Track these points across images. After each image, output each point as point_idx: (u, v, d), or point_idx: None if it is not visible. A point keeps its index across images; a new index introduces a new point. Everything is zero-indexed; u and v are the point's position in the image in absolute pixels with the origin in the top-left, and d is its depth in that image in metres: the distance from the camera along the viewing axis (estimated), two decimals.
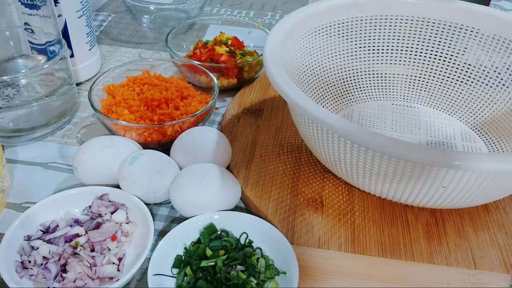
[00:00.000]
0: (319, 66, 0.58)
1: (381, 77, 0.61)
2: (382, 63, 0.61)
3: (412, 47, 0.60)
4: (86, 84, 0.67)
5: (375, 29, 0.59)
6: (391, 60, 0.61)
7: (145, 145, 0.53)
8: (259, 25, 0.75)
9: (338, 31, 0.58)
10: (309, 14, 0.54)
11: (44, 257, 0.41)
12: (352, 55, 0.59)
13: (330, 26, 0.57)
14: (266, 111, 0.61)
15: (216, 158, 0.49)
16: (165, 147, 0.53)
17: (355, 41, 0.59)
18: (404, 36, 0.59)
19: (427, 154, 0.35)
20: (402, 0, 0.57)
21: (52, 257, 0.41)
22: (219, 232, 0.44)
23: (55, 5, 0.59)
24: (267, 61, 0.46)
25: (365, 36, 0.59)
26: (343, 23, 0.57)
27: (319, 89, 0.58)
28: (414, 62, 0.60)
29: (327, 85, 0.59)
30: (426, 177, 0.38)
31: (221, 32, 0.72)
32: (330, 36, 0.57)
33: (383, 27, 0.59)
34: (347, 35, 0.58)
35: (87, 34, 0.65)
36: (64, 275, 0.40)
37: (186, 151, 0.49)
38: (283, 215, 0.47)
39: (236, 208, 0.48)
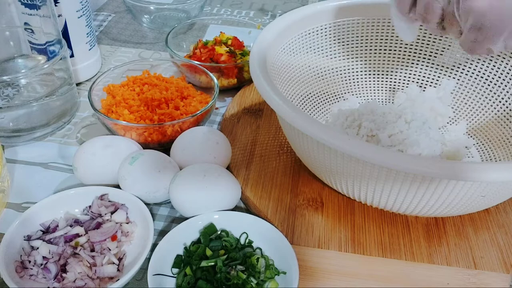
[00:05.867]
0: (311, 67, 0.58)
1: (364, 78, 0.61)
2: (379, 63, 0.61)
3: (405, 50, 0.59)
4: (86, 84, 0.67)
5: (367, 32, 0.58)
6: (383, 62, 0.60)
7: (145, 145, 0.53)
8: (259, 25, 0.75)
9: (330, 33, 0.58)
10: (302, 16, 0.54)
11: (44, 257, 0.41)
12: (344, 57, 0.59)
13: (322, 28, 0.57)
14: (266, 111, 0.61)
15: (216, 158, 0.49)
16: (165, 147, 0.53)
17: (348, 43, 0.59)
18: (396, 39, 0.59)
19: (437, 167, 0.35)
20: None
21: (52, 257, 0.41)
22: (219, 232, 0.44)
23: (55, 5, 0.59)
24: (253, 65, 0.46)
25: (357, 38, 0.59)
26: (336, 25, 0.57)
27: (310, 91, 0.58)
28: (406, 64, 0.60)
29: (319, 86, 0.59)
30: (426, 189, 0.38)
31: (221, 32, 0.72)
32: (322, 38, 0.57)
33: (375, 30, 0.58)
34: (340, 37, 0.58)
35: (87, 34, 0.65)
36: (64, 275, 0.40)
37: (186, 151, 0.49)
38: (283, 215, 0.47)
39: (236, 208, 0.48)
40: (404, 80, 0.61)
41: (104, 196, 0.46)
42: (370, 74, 0.61)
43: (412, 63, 0.60)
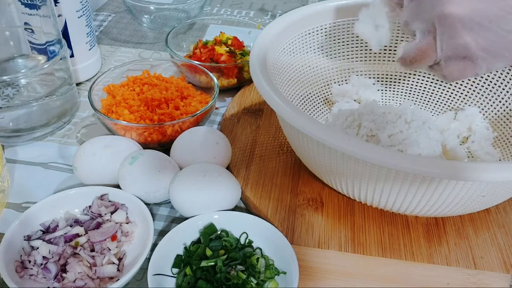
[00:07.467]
0: (311, 67, 0.58)
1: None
2: (379, 63, 0.61)
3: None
4: (86, 84, 0.67)
5: None
6: (383, 62, 0.60)
7: (145, 145, 0.53)
8: (259, 25, 0.75)
9: (330, 33, 0.57)
10: (301, 16, 0.54)
11: (44, 257, 0.41)
12: (344, 57, 0.59)
13: (322, 28, 0.57)
14: (266, 111, 0.61)
15: (216, 158, 0.49)
16: (165, 147, 0.53)
17: (348, 43, 0.59)
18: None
19: (437, 167, 0.35)
20: None
21: (52, 257, 0.41)
22: (219, 232, 0.44)
23: (55, 5, 0.59)
24: (253, 65, 0.46)
25: (357, 38, 0.59)
26: (336, 25, 0.57)
27: (310, 91, 0.58)
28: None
29: (319, 86, 0.59)
30: (426, 189, 0.38)
31: (221, 32, 0.72)
32: (322, 38, 0.57)
33: None
34: (339, 37, 0.58)
35: (87, 34, 0.65)
36: (64, 275, 0.40)
37: (186, 151, 0.49)
38: (283, 215, 0.47)
39: (236, 208, 0.48)
40: (405, 79, 0.61)
41: (104, 196, 0.46)
42: (370, 74, 0.61)
43: None
